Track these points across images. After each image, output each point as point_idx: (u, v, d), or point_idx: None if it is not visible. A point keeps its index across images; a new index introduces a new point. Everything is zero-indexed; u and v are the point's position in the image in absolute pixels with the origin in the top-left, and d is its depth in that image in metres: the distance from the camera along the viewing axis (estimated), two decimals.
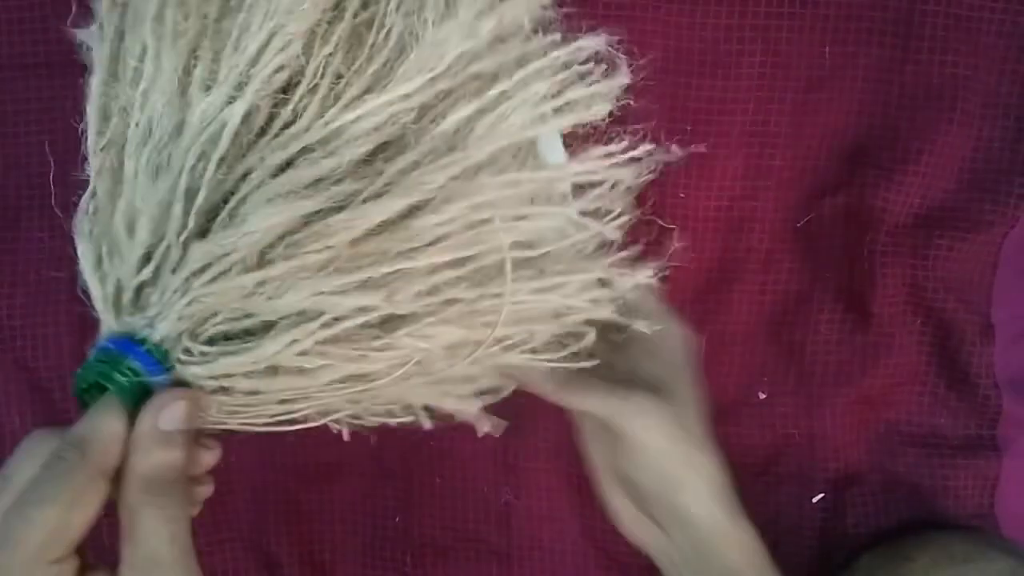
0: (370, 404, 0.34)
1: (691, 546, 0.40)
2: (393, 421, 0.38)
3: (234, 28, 0.28)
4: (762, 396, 0.51)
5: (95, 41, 0.32)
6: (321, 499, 0.52)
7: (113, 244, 0.29)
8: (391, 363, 0.30)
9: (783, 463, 0.51)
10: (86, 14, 0.38)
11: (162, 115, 0.28)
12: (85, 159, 0.34)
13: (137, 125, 0.29)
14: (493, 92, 0.29)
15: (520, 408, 0.49)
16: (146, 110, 0.29)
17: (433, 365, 0.31)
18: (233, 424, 0.32)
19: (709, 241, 0.50)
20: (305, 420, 0.32)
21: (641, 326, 0.36)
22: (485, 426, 0.37)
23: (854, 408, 0.50)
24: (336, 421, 0.36)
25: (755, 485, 0.51)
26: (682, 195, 0.49)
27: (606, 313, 0.35)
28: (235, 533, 0.52)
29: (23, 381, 0.51)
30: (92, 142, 0.31)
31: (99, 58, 0.31)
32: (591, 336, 0.36)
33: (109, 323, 0.30)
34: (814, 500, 0.51)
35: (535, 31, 0.32)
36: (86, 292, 0.31)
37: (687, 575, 0.40)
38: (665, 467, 0.39)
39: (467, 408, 0.36)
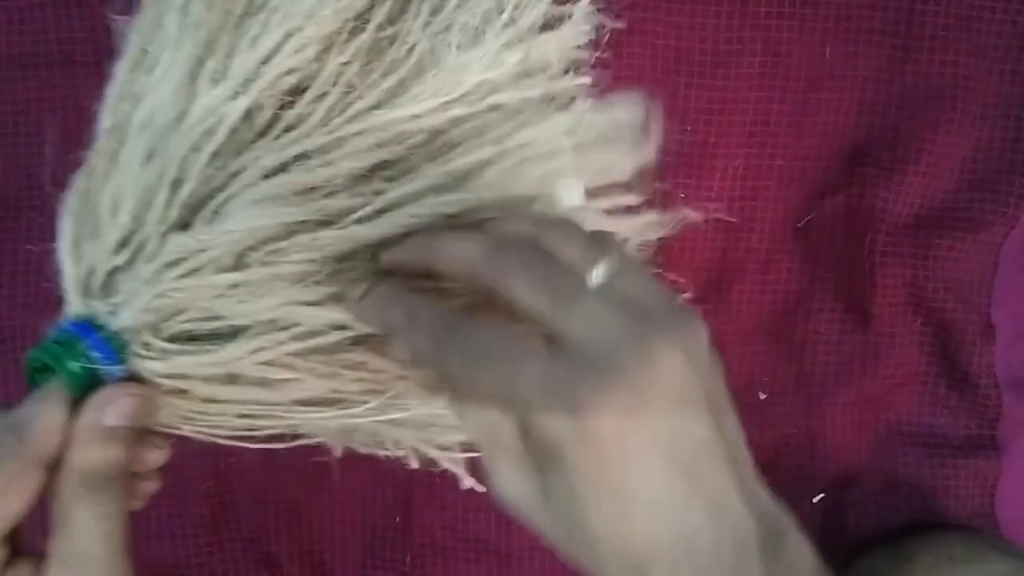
0: (348, 435, 0.32)
1: None
2: (380, 453, 0.37)
3: (254, 26, 0.27)
4: (762, 396, 0.51)
5: (130, 29, 0.31)
6: (321, 499, 0.52)
7: (95, 225, 0.28)
8: (363, 389, 0.28)
9: (783, 463, 0.51)
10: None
11: (167, 103, 0.27)
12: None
13: (140, 114, 0.28)
14: (512, 143, 0.27)
15: None
16: (153, 97, 0.28)
17: (410, 404, 0.29)
18: (186, 430, 0.30)
19: (709, 241, 0.50)
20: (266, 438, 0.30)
21: None
22: (467, 481, 0.35)
23: (854, 408, 0.50)
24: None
25: None
26: (682, 195, 0.49)
27: None
28: (235, 533, 0.52)
29: (22, 381, 0.51)
30: (101, 124, 0.30)
31: (129, 45, 0.30)
32: None
33: (75, 305, 0.29)
34: (814, 500, 0.51)
35: (565, 70, 0.31)
36: (57, 271, 0.30)
37: None
38: None
39: (448, 459, 0.34)
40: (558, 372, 0.26)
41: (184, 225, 0.27)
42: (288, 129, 0.27)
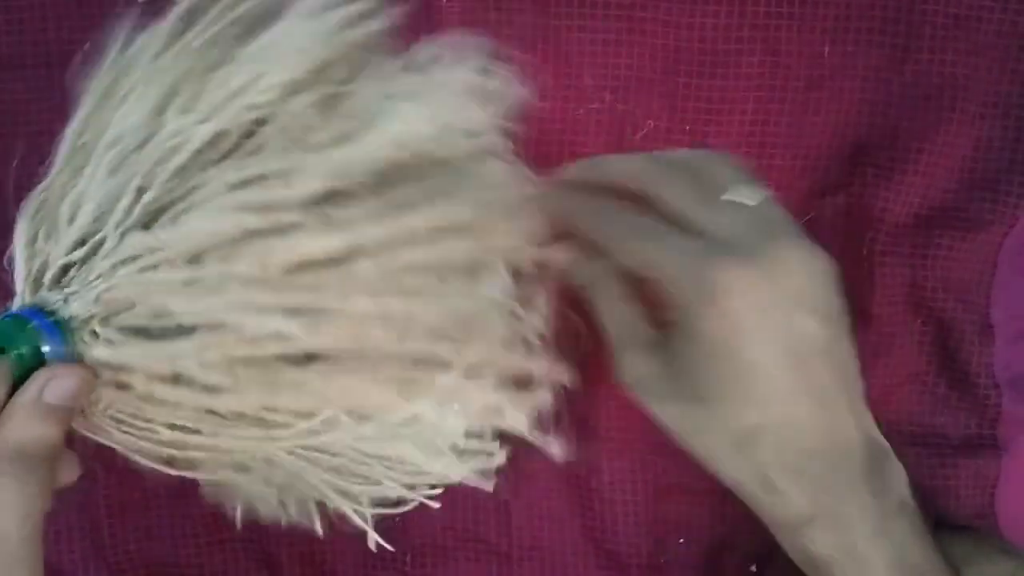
0: (269, 483, 0.33)
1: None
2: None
3: (221, 71, 0.30)
4: None
5: (96, 71, 0.34)
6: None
7: (52, 227, 0.30)
8: (299, 409, 0.29)
9: None
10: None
11: (136, 127, 0.30)
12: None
13: (108, 135, 0.30)
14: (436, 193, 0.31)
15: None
16: (122, 123, 0.30)
17: (341, 431, 0.30)
18: (113, 435, 0.30)
19: None
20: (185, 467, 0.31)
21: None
22: (372, 541, 0.36)
23: None
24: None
25: None
26: None
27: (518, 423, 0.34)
28: (235, 533, 0.52)
29: None
30: (63, 145, 0.32)
31: (96, 83, 0.33)
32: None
33: (24, 298, 0.30)
34: None
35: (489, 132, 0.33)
36: (9, 267, 0.31)
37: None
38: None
39: (355, 510, 0.35)
40: (700, 250, 0.30)
41: (144, 228, 0.29)
42: (250, 153, 0.30)
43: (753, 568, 0.51)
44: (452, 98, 0.32)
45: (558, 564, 0.52)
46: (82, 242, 0.29)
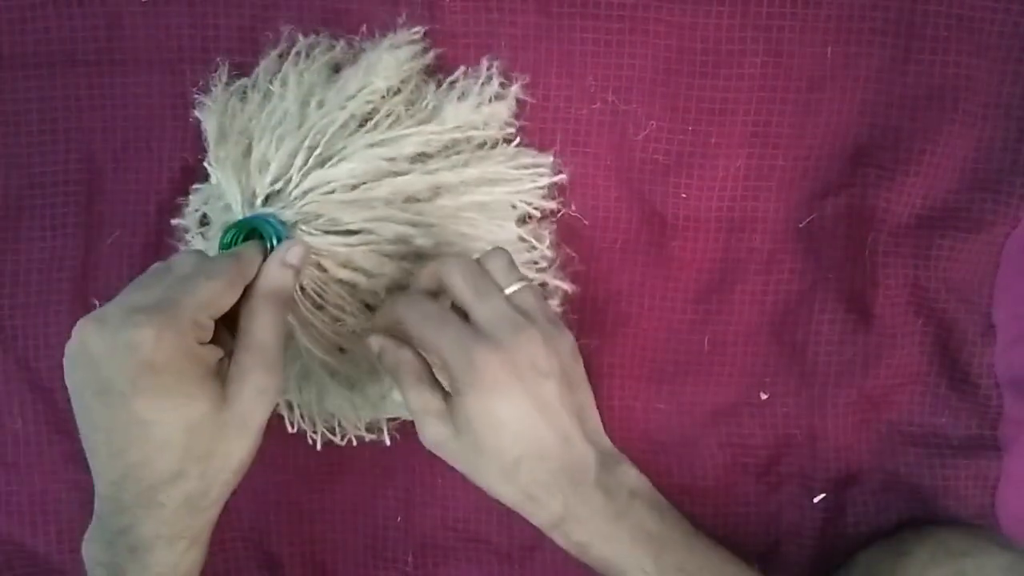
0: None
1: None
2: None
3: (339, 82, 0.47)
4: (764, 396, 0.51)
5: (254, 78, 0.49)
6: (322, 499, 0.52)
7: (247, 174, 0.45)
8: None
9: (784, 463, 0.51)
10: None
11: (292, 114, 0.46)
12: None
13: (272, 120, 0.46)
14: (465, 174, 0.47)
15: None
16: (277, 114, 0.46)
17: None
18: (300, 309, 0.45)
19: (711, 242, 0.50)
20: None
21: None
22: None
23: (855, 408, 0.50)
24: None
25: (756, 485, 0.51)
26: (684, 195, 0.50)
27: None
28: (235, 533, 0.52)
29: (25, 381, 0.51)
30: (217, 131, 0.47)
31: (253, 88, 0.49)
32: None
33: (246, 211, 0.44)
34: (815, 500, 0.51)
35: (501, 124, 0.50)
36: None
37: None
38: None
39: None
40: (469, 336, 0.41)
41: (312, 171, 0.45)
42: (372, 130, 0.47)
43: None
44: (481, 99, 0.48)
45: (559, 564, 0.52)
46: (275, 180, 0.44)
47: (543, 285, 0.50)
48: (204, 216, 0.50)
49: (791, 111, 0.49)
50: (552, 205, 0.50)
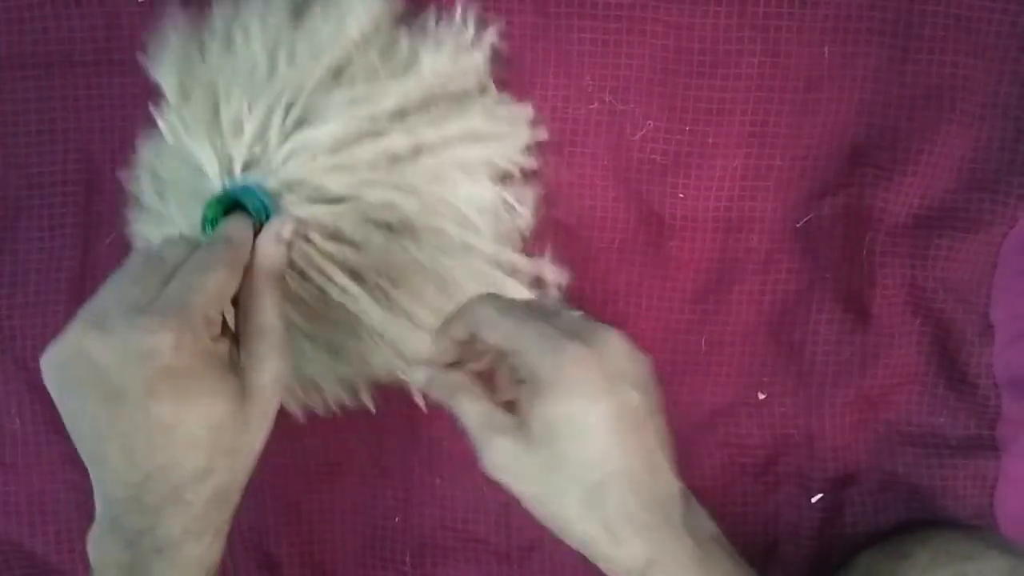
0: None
1: None
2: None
3: (304, 31, 0.44)
4: (762, 396, 0.51)
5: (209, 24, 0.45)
6: (321, 499, 0.52)
7: (221, 137, 0.42)
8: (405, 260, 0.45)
9: (782, 463, 0.51)
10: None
11: (258, 68, 0.43)
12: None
13: (237, 75, 0.43)
14: (445, 130, 0.45)
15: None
16: (243, 67, 0.43)
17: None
18: (290, 279, 0.44)
19: (709, 242, 0.50)
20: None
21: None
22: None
23: (853, 408, 0.50)
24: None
25: (754, 485, 0.51)
26: (681, 195, 0.50)
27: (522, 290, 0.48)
28: (235, 533, 0.52)
29: (23, 381, 0.51)
30: (175, 88, 0.44)
31: (212, 35, 0.45)
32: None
33: (224, 183, 0.42)
34: (813, 500, 0.51)
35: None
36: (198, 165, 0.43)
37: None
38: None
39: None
40: (555, 332, 0.36)
41: (291, 132, 0.42)
42: (346, 84, 0.44)
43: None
44: (457, 48, 0.46)
45: (558, 564, 0.52)
46: (252, 144, 0.41)
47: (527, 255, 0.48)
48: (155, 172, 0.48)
49: (788, 111, 0.49)
50: (533, 162, 0.48)
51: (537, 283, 0.48)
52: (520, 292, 0.47)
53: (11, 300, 0.51)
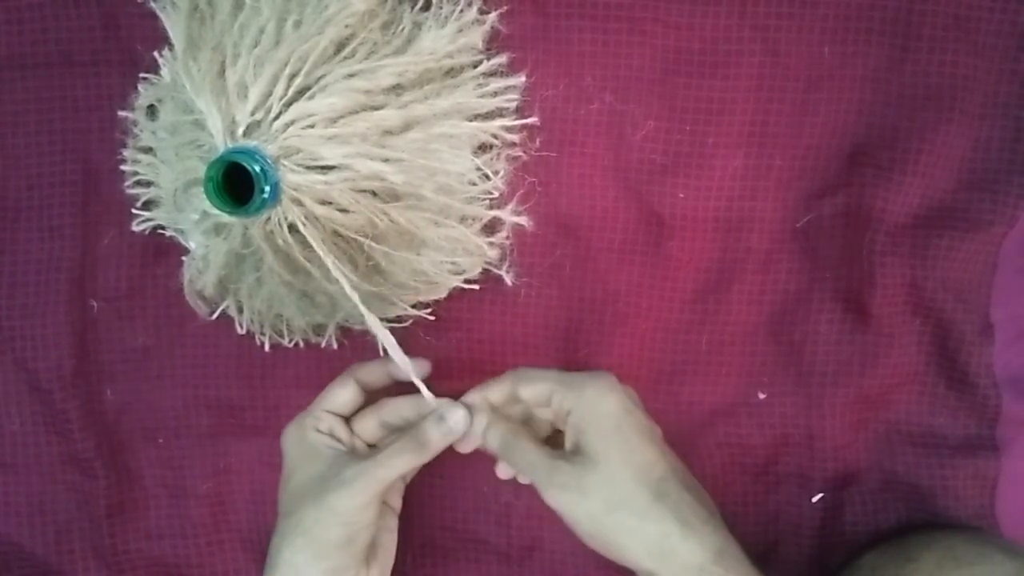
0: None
1: None
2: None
3: (312, 2, 0.45)
4: (761, 396, 0.51)
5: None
6: None
7: (226, 100, 0.42)
8: (395, 231, 0.46)
9: (782, 463, 0.51)
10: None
11: (262, 34, 0.43)
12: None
13: (245, 42, 0.43)
14: (436, 105, 0.46)
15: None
16: (251, 34, 0.44)
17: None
18: (280, 238, 0.43)
19: (709, 242, 0.50)
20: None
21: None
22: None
23: (853, 408, 0.50)
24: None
25: (755, 485, 0.51)
26: (681, 195, 0.49)
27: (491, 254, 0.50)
28: (235, 533, 0.52)
29: (23, 381, 0.51)
30: (183, 55, 0.44)
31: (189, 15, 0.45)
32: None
33: (228, 143, 0.42)
34: (813, 500, 0.51)
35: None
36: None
37: None
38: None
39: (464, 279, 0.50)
40: (573, 381, 0.44)
41: (292, 102, 0.43)
42: (348, 57, 0.45)
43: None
44: (456, 26, 0.47)
45: (558, 564, 0.52)
46: (255, 110, 0.42)
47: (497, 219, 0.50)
48: (152, 108, 0.49)
49: (788, 111, 0.49)
50: (514, 138, 0.49)
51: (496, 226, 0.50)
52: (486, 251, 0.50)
53: (10, 301, 0.51)
